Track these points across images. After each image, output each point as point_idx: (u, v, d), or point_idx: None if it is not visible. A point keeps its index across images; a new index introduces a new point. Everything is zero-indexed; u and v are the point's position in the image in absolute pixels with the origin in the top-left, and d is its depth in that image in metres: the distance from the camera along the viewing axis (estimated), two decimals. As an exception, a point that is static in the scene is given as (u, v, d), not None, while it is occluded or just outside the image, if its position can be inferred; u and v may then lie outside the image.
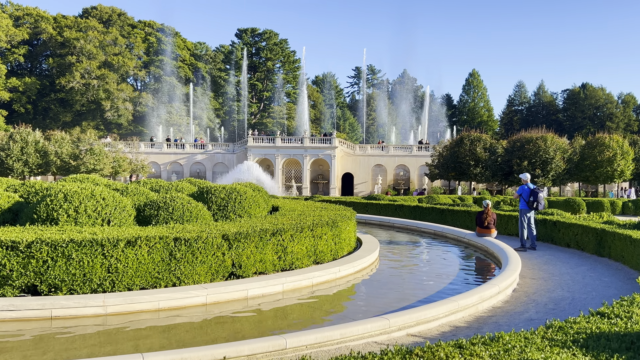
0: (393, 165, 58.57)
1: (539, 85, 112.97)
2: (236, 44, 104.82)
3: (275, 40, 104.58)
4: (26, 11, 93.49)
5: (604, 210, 31.16)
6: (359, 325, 6.57)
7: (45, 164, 43.34)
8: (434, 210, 19.80)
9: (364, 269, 11.47)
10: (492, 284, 8.89)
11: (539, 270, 11.91)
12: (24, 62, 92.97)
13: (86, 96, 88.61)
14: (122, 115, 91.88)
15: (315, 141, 56.55)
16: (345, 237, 12.09)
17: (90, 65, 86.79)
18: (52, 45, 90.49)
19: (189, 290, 8.31)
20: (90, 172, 42.61)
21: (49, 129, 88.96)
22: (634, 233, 11.97)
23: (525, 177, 14.87)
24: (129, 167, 47.99)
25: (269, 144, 56.42)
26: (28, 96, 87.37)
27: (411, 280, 11.08)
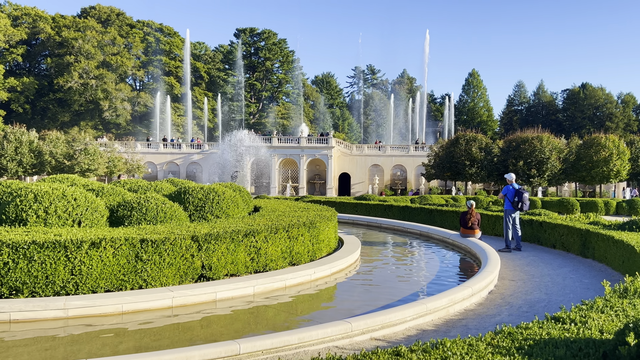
0: (390, 165, 58.39)
1: (539, 85, 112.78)
2: (235, 44, 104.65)
3: (274, 40, 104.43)
4: (24, 11, 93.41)
5: (597, 211, 30.98)
6: (319, 329, 6.41)
7: (39, 164, 43.25)
8: (423, 210, 19.63)
9: (341, 270, 11.31)
10: (465, 286, 8.72)
11: (520, 272, 11.75)
12: (22, 62, 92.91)
13: (84, 96, 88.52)
14: (121, 115, 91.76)
15: (312, 141, 56.40)
16: (324, 238, 11.92)
17: (89, 65, 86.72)
18: (51, 45, 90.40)
19: (155, 292, 8.15)
20: (85, 172, 42.56)
21: (47, 129, 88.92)
22: (617, 234, 11.80)
23: (510, 177, 14.70)
24: (124, 167, 47.88)
25: (266, 144, 56.26)
26: (26, 96, 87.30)
27: (389, 282, 10.92)
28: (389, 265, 12.97)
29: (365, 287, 10.40)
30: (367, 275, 11.59)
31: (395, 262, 13.25)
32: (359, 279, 11.06)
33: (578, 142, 43.95)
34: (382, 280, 11.19)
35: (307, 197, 27.62)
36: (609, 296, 5.90)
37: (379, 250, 14.86)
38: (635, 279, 6.67)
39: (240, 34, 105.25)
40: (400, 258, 13.88)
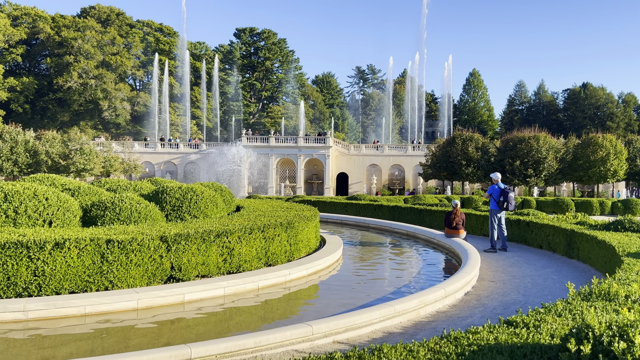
0: (388, 165, 58.19)
1: (539, 85, 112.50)
2: (234, 44, 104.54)
3: (274, 40, 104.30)
4: (24, 11, 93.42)
5: (593, 211, 30.75)
6: (278, 332, 6.24)
7: (35, 164, 43.16)
8: (412, 210, 19.45)
9: (319, 271, 11.13)
10: (438, 288, 8.55)
11: (502, 273, 11.56)
12: (22, 62, 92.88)
13: (84, 96, 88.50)
14: (120, 115, 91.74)
15: (310, 141, 56.23)
16: (303, 238, 11.75)
17: (88, 65, 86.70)
18: (50, 45, 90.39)
19: (119, 294, 7.99)
20: (80, 172, 42.48)
21: (47, 128, 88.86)
22: (600, 234, 11.62)
23: (496, 177, 14.51)
24: (120, 166, 47.77)
25: (263, 144, 56.13)
26: (26, 96, 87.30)
27: (367, 283, 10.76)
28: (370, 265, 12.80)
29: (341, 288, 10.23)
30: (345, 276, 11.42)
31: (376, 263, 13.08)
32: (336, 280, 10.89)
33: (575, 141, 43.72)
34: (361, 281, 11.02)
35: (300, 196, 27.44)
36: (571, 299, 5.72)
37: (362, 250, 14.69)
38: (603, 281, 6.49)
39: (240, 33, 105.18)
40: (382, 258, 13.70)
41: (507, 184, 41.92)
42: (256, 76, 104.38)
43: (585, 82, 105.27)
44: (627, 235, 11.79)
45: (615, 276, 7.14)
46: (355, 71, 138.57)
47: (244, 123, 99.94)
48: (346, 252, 13.86)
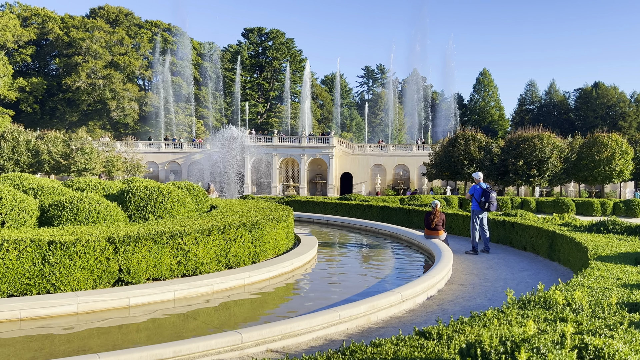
0: (392, 165, 57.68)
1: (550, 85, 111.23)
2: (242, 44, 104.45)
3: (282, 40, 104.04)
4: (34, 11, 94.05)
5: (594, 212, 30.06)
6: (202, 341, 5.88)
7: (37, 163, 43.24)
8: (401, 210, 19.01)
9: (284, 273, 10.77)
10: (394, 292, 8.16)
11: (476, 276, 11.13)
12: (31, 62, 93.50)
13: (92, 96, 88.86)
14: (129, 115, 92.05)
15: (313, 140, 55.87)
16: (271, 239, 11.40)
17: (96, 65, 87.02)
18: (59, 46, 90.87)
19: (57, 298, 7.69)
20: (81, 172, 42.47)
21: (56, 128, 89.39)
22: (580, 236, 11.15)
23: (478, 176, 14.07)
24: (122, 166, 47.75)
25: (267, 143, 55.86)
26: (35, 96, 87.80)
27: (332, 287, 10.37)
28: (342, 267, 12.42)
29: (303, 292, 9.88)
30: (313, 279, 11.05)
31: (349, 265, 12.68)
32: (302, 283, 10.54)
33: (581, 141, 42.89)
34: (325, 284, 10.65)
35: (294, 197, 27.05)
36: (506, 307, 5.31)
37: (338, 252, 14.31)
38: (552, 288, 6.08)
39: (249, 33, 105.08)
40: (357, 261, 13.30)
41: (511, 184, 41.34)
42: (264, 76, 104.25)
43: (597, 82, 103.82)
44: (608, 237, 11.32)
45: (571, 281, 6.72)
46: (365, 71, 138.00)
47: (252, 123, 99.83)
48: (322, 254, 13.50)
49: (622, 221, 12.45)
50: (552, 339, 3.49)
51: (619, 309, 5.24)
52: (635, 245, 10.10)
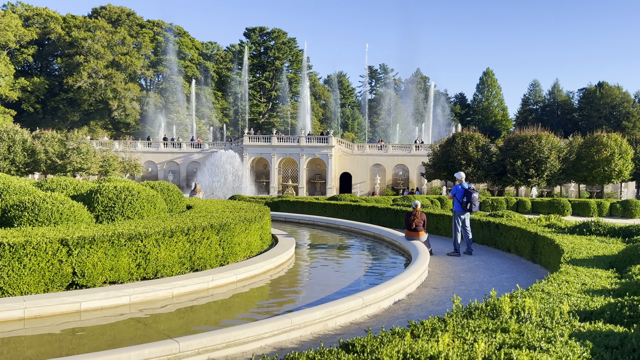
0: (392, 164, 57.27)
1: (554, 84, 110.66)
2: (244, 43, 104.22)
3: (284, 40, 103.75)
4: (36, 11, 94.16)
5: (590, 212, 29.58)
6: (133, 350, 5.56)
7: (33, 163, 43.10)
8: (389, 211, 18.67)
9: (253, 276, 10.43)
10: (356, 296, 7.83)
11: (452, 279, 10.78)
12: (33, 62, 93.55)
13: (94, 96, 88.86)
14: (130, 115, 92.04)
15: (312, 140, 55.53)
16: (241, 241, 11.07)
17: (98, 65, 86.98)
18: (61, 45, 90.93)
19: (4, 302, 7.39)
20: (77, 171, 42.30)
21: (58, 128, 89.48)
22: (560, 238, 10.79)
23: (460, 176, 13.71)
24: (119, 166, 47.56)
25: (265, 143, 55.55)
26: (37, 96, 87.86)
27: (301, 291, 10.05)
28: (316, 269, 12.10)
29: (269, 296, 9.56)
30: (283, 282, 10.71)
31: (326, 267, 12.33)
32: (270, 287, 10.20)
33: (581, 141, 42.35)
34: (297, 288, 10.33)
35: (284, 197, 26.61)
36: (448, 316, 4.98)
37: (316, 253, 13.96)
38: (505, 295, 5.73)
39: (250, 33, 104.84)
40: (335, 262, 12.93)
41: (509, 184, 40.84)
42: (266, 76, 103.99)
43: (601, 82, 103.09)
44: (590, 238, 10.96)
45: (531, 286, 6.38)
46: (368, 71, 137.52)
47: (254, 123, 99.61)
48: (299, 256, 13.17)
49: (607, 222, 12.08)
50: (461, 356, 3.16)
51: (571, 318, 4.90)
52: (614, 247, 9.73)
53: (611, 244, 10.33)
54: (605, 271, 7.48)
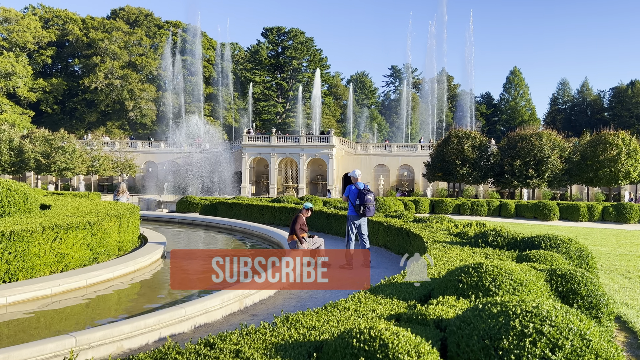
0: (396, 165, 54.96)
1: (583, 83, 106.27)
2: (262, 43, 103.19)
3: (301, 39, 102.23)
4: (56, 13, 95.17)
5: (579, 216, 26.90)
6: None
7: (20, 162, 42.54)
8: (322, 214, 16.77)
9: (76, 289, 8.71)
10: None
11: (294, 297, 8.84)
12: (52, 63, 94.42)
13: (111, 97, 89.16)
14: (146, 115, 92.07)
15: (312, 140, 53.69)
16: (78, 248, 9.36)
17: (114, 66, 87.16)
18: (79, 46, 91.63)
19: None
20: (63, 171, 41.56)
21: (76, 129, 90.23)
22: (437, 249, 8.73)
23: (355, 175, 11.73)
24: (110, 165, 46.68)
25: (264, 143, 53.97)
26: (55, 97, 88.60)
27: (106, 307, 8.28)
28: (157, 278, 10.30)
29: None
30: (103, 294, 8.95)
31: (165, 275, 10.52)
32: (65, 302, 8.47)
33: (587, 139, 39.30)
34: (109, 301, 8.55)
35: (243, 198, 24.78)
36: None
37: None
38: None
39: (268, 33, 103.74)
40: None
41: (507, 185, 38.08)
42: (283, 76, 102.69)
43: (633, 80, 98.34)
44: (474, 251, 8.88)
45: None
46: (391, 70, 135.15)
47: (271, 123, 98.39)
48: (160, 267, 11.41)
49: (510, 231, 9.96)
50: None
51: None
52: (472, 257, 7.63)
53: (495, 259, 8.25)
54: (402, 302, 5.51)
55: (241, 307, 7.81)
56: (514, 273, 5.46)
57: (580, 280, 6.35)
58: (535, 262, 7.89)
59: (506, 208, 28.96)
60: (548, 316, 3.85)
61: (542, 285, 5.71)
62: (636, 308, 8.24)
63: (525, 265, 7.23)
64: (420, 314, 4.73)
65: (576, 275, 6.41)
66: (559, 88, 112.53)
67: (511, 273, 5.45)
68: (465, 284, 5.44)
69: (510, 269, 5.52)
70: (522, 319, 3.84)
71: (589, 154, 36.59)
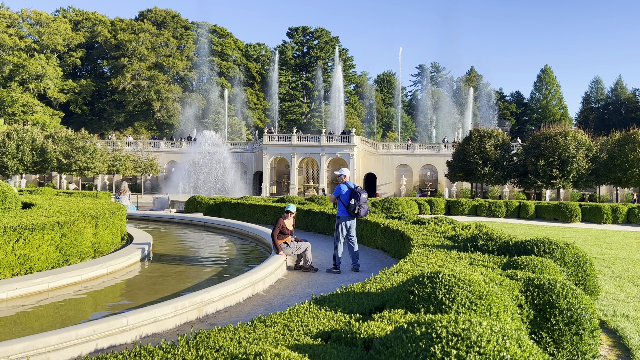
0: (419, 165, 53.93)
1: (617, 81, 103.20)
2: (287, 43, 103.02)
3: (327, 39, 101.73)
4: (85, 15, 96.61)
5: (603, 218, 25.64)
6: None
7: (42, 162, 43.01)
8: (323, 215, 16.17)
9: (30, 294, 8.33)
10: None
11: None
12: (81, 64, 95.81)
13: (138, 97, 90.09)
14: (173, 116, 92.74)
15: (333, 139, 53.07)
16: (31, 251, 8.99)
17: (141, 67, 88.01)
18: (108, 48, 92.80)
19: None
20: (83, 170, 41.86)
21: (104, 129, 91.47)
22: (419, 255, 8.07)
23: (342, 173, 11.05)
24: (131, 165, 46.91)
25: (285, 143, 53.57)
26: (84, 98, 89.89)
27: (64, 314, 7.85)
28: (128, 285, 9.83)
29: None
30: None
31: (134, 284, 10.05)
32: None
33: (617, 137, 37.70)
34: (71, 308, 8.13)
35: (247, 198, 24.25)
36: None
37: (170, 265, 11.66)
38: None
39: (293, 33, 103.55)
40: (173, 272, 10.62)
41: (530, 186, 36.75)
42: (308, 76, 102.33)
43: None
44: (460, 256, 8.19)
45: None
46: (419, 69, 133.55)
47: (296, 123, 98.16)
48: (152, 265, 10.97)
49: (504, 235, 9.21)
50: None
51: None
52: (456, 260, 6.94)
53: (479, 266, 7.56)
54: (346, 316, 4.89)
55: (200, 316, 7.28)
56: (473, 284, 4.79)
57: (560, 291, 5.64)
58: (523, 269, 7.18)
59: (525, 209, 27.80)
60: (477, 341, 3.20)
61: (508, 299, 5.02)
62: (638, 321, 7.44)
63: (499, 274, 6.54)
64: (351, 332, 4.12)
65: (555, 286, 5.69)
66: (591, 86, 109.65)
67: (469, 284, 4.78)
68: (417, 295, 4.79)
69: (470, 280, 4.85)
70: (445, 345, 3.19)
71: (617, 153, 35.07)
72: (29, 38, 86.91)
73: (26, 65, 78.55)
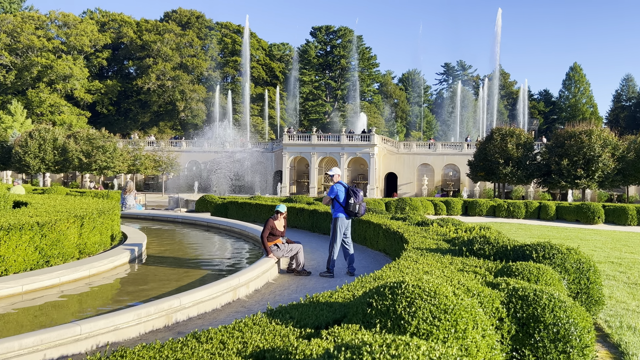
0: (441, 164, 52.98)
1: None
2: (310, 43, 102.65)
3: (350, 38, 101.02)
4: (111, 17, 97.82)
5: (627, 220, 24.55)
6: None
7: (64, 161, 43.41)
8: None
9: None
10: None
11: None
12: (107, 65, 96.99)
13: (163, 97, 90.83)
14: (197, 116, 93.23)
15: (353, 139, 52.48)
16: (7, 253, 8.73)
17: (165, 67, 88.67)
18: (133, 49, 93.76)
19: None
20: (103, 170, 42.11)
21: (129, 129, 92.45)
22: (408, 260, 7.54)
23: (334, 172, 10.51)
24: (152, 165, 47.09)
25: (305, 142, 53.16)
26: (110, 98, 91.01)
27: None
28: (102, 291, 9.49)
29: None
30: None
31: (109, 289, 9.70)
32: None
33: (645, 136, 36.34)
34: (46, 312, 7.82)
35: (232, 197, 23.87)
36: None
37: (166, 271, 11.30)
38: None
39: (316, 32, 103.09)
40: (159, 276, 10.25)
41: (554, 186, 35.62)
42: (331, 75, 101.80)
43: None
44: (452, 261, 7.63)
45: None
46: (444, 68, 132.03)
47: (319, 123, 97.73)
48: (137, 269, 10.63)
49: (503, 238, 8.60)
50: None
51: None
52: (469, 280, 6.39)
53: (470, 272, 7.00)
54: (296, 330, 4.42)
55: (169, 323, 6.87)
56: (439, 296, 4.26)
57: (546, 304, 5.06)
58: (517, 276, 6.60)
59: (546, 210, 26.83)
60: (406, 371, 2.69)
61: (480, 313, 4.47)
62: (645, 335, 6.78)
63: (485, 282, 5.97)
64: (287, 352, 3.64)
65: (541, 298, 5.12)
66: (622, 84, 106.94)
67: (435, 296, 4.24)
68: (374, 308, 4.28)
69: (436, 291, 4.32)
70: (366, 375, 2.69)
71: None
72: (56, 39, 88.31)
73: (54, 66, 79.79)
